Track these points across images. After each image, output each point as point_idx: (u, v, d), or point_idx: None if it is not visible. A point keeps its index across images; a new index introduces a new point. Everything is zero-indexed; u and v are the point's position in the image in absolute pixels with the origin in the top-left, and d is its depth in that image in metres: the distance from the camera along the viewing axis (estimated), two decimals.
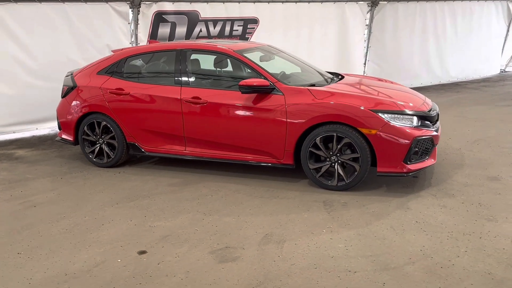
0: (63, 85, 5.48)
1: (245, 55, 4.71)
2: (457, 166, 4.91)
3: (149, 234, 3.56)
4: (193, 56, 4.92)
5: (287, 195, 4.27)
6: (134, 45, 7.51)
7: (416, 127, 4.16)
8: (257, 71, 4.52)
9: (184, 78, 4.83)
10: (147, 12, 7.59)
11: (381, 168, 4.14)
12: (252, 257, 3.15)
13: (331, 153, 4.25)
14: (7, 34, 6.61)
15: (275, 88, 4.40)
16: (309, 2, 9.02)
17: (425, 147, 4.23)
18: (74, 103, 5.28)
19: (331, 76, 5.25)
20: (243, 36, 8.49)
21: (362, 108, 4.10)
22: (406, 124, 4.11)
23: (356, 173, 4.20)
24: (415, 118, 4.21)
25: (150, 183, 4.72)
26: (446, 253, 3.12)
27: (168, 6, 7.72)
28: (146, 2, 7.51)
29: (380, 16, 10.17)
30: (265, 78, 4.45)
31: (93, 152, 5.28)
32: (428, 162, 4.29)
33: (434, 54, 11.05)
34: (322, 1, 9.16)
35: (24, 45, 6.77)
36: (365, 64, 10.41)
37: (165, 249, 3.30)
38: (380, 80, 5.43)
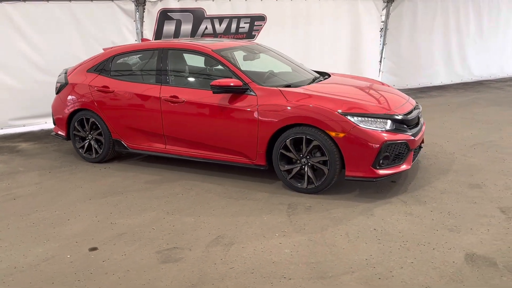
0: (57, 82, 5.67)
1: (223, 54, 4.70)
2: (442, 172, 4.72)
3: (107, 231, 3.65)
4: (174, 55, 4.96)
5: (255, 196, 4.25)
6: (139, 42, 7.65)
7: (389, 131, 4.04)
8: (232, 71, 4.52)
9: (164, 77, 4.88)
10: (152, 10, 7.70)
11: (349, 172, 4.04)
12: (195, 258, 3.17)
13: (301, 155, 4.19)
14: (17, 31, 6.90)
15: (248, 89, 4.38)
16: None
17: (398, 152, 4.09)
18: (65, 99, 5.46)
19: (317, 75, 5.17)
20: (250, 34, 8.47)
21: (330, 110, 4.02)
22: (377, 127, 3.99)
23: (325, 176, 4.11)
24: (388, 122, 4.08)
25: (129, 179, 4.83)
26: (390, 263, 3.02)
27: (173, 4, 7.80)
28: (151, 0, 7.61)
29: (397, 12, 9.88)
30: (239, 78, 4.42)
31: (83, 147, 5.44)
32: (401, 167, 4.14)
33: (455, 52, 10.63)
34: None
35: (33, 42, 7.05)
36: (380, 61, 10.13)
37: (115, 247, 3.38)
38: (366, 80, 5.28)
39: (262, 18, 8.51)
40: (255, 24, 8.46)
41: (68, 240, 3.51)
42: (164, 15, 7.75)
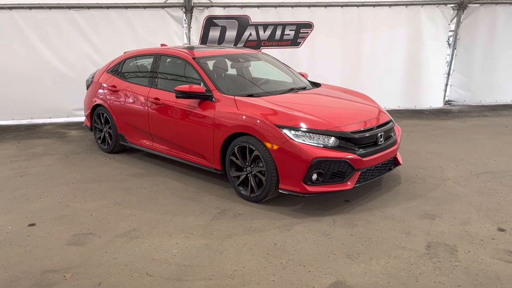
0: (86, 80, 6.51)
1: (201, 62, 4.98)
2: (410, 197, 4.40)
3: (57, 211, 4.21)
4: (164, 61, 5.38)
5: (203, 198, 4.47)
6: None
7: (330, 148, 3.93)
8: (202, 78, 4.78)
9: (154, 80, 5.34)
10: (199, 17, 8.27)
11: (282, 185, 4.04)
12: (95, 245, 3.54)
13: (246, 163, 4.30)
14: (81, 34, 8.03)
15: (211, 96, 4.60)
16: (374, 6, 8.56)
17: (337, 170, 3.96)
18: (90, 95, 6.27)
19: (302, 85, 5.19)
20: (295, 41, 8.55)
21: (268, 122, 4.05)
22: (316, 143, 3.92)
23: (263, 186, 4.17)
24: (332, 138, 3.97)
25: (118, 170, 5.39)
26: (253, 277, 3.03)
27: (219, 11, 8.27)
28: (199, 8, 8.18)
29: (471, 20, 9.07)
30: (206, 85, 4.67)
31: (99, 138, 6.20)
32: (339, 187, 4.00)
33: None
34: (390, 5, 8.58)
35: (94, 44, 8.12)
36: (449, 74, 9.34)
37: (49, 226, 3.90)
38: (349, 94, 5.09)
39: (309, 25, 8.52)
40: (301, 31, 8.51)
41: (22, 215, 4.14)
42: (210, 22, 8.25)
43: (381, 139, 4.24)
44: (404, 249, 3.38)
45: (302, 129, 3.96)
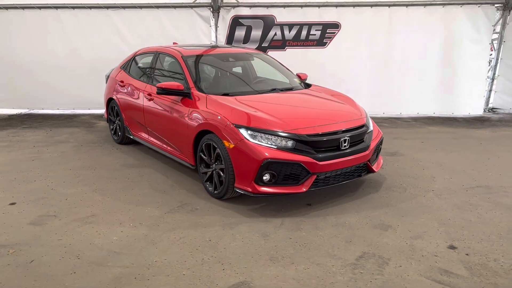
0: (105, 74, 6.99)
1: (188, 60, 5.16)
2: (378, 205, 4.26)
3: (40, 193, 4.61)
4: (161, 58, 5.64)
5: (174, 191, 4.65)
6: None
7: (286, 149, 3.93)
8: (185, 75, 4.96)
9: (151, 77, 5.63)
10: (226, 16, 8.48)
11: (237, 183, 4.10)
12: (52, 226, 3.85)
13: (212, 160, 4.42)
14: (117, 32, 8.58)
15: (189, 93, 4.77)
16: (407, 5, 8.21)
17: (290, 172, 3.94)
18: (106, 90, 6.73)
19: (287, 86, 5.20)
20: (321, 41, 8.46)
21: (227, 122, 4.13)
22: (269, 144, 3.93)
23: (223, 184, 4.27)
24: (288, 140, 3.97)
25: (116, 160, 5.76)
26: (156, 270, 3.16)
27: (245, 11, 8.42)
28: (226, 7, 8.39)
29: None
30: (186, 82, 4.85)
31: (112, 129, 6.64)
32: (291, 189, 3.97)
33: None
34: (425, 4, 8.17)
35: (128, 41, 8.64)
36: (493, 79, 8.69)
37: (26, 206, 4.28)
38: (332, 96, 4.98)
39: (335, 26, 8.38)
40: (327, 31, 8.40)
41: (11, 194, 4.60)
42: (236, 22, 8.42)
43: (345, 144, 4.11)
44: (333, 257, 3.30)
45: (257, 129, 3.98)
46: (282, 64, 5.80)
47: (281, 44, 8.44)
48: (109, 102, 6.61)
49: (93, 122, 8.13)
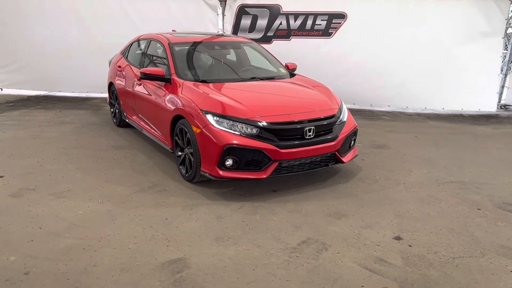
0: (109, 60, 7.27)
1: (175, 47, 5.33)
2: (340, 195, 4.31)
3: (28, 169, 4.91)
4: (152, 45, 5.84)
5: (151, 173, 4.85)
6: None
7: (248, 136, 4.05)
8: (168, 62, 5.14)
9: (142, 62, 5.84)
10: (233, 5, 8.59)
11: (202, 167, 4.26)
12: (28, 199, 4.11)
13: (185, 144, 4.60)
14: (128, 19, 8.87)
15: (170, 79, 4.96)
16: None
17: (252, 158, 4.06)
18: (108, 74, 7.02)
19: (270, 75, 5.29)
20: (326, 31, 8.44)
21: (196, 107, 4.29)
22: (233, 130, 4.06)
23: (192, 167, 4.44)
24: (251, 127, 4.09)
25: (108, 142, 6.03)
26: (115, 242, 3.37)
27: (252, 0, 8.49)
28: None
29: None
30: (168, 69, 5.04)
31: (112, 112, 6.94)
32: (253, 175, 4.09)
33: None
34: None
35: (138, 28, 8.89)
36: (506, 75, 8.44)
37: (12, 180, 4.58)
38: (316, 88, 5.02)
39: (342, 16, 8.33)
40: (333, 22, 8.37)
41: (2, 169, 4.92)
42: (242, 11, 8.53)
43: (310, 134, 4.18)
44: (277, 241, 3.41)
45: (223, 116, 4.11)
46: (271, 54, 5.87)
47: (286, 34, 8.47)
48: (110, 86, 6.87)
49: (102, 106, 8.46)
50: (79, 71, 9.17)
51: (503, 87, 8.56)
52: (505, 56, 8.34)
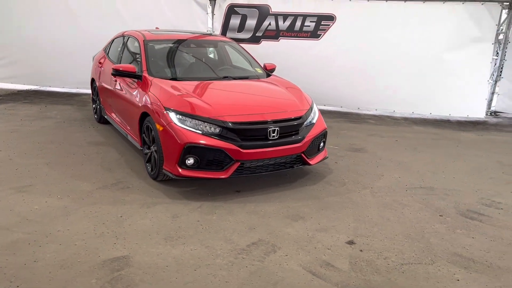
0: (92, 56, 7.27)
1: (149, 44, 5.31)
2: (301, 198, 4.24)
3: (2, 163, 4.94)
4: (130, 41, 5.82)
5: (119, 170, 4.82)
6: (211, 32, 8.63)
7: (209, 135, 4.01)
8: (141, 59, 5.12)
9: (119, 59, 5.83)
10: (222, 5, 8.57)
11: (164, 165, 4.22)
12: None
13: (151, 142, 4.57)
14: (119, 16, 8.88)
15: (141, 76, 4.93)
16: (405, 0, 7.99)
17: (213, 158, 4.02)
18: (91, 70, 7.02)
19: (244, 75, 5.26)
20: (315, 33, 8.39)
21: (160, 105, 4.25)
22: (195, 129, 4.01)
23: (156, 165, 4.41)
24: (213, 126, 4.05)
25: (85, 138, 6.01)
26: (63, 239, 3.35)
27: (241, 0, 8.45)
28: None
29: None
30: (141, 66, 5.01)
31: (94, 108, 6.93)
32: (214, 174, 4.05)
33: None
34: (424, 0, 7.93)
35: (128, 25, 8.85)
36: (496, 81, 8.34)
37: None
38: (288, 88, 4.96)
39: (330, 18, 8.28)
40: (322, 23, 8.32)
41: None
42: (232, 10, 8.50)
43: (273, 134, 4.13)
44: (227, 242, 3.36)
45: (185, 114, 4.07)
46: (249, 53, 5.82)
47: (275, 34, 8.43)
48: (92, 82, 6.87)
49: (88, 102, 8.47)
50: (69, 67, 9.19)
51: (493, 93, 8.46)
52: (496, 62, 8.20)
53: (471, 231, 3.66)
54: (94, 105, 6.91)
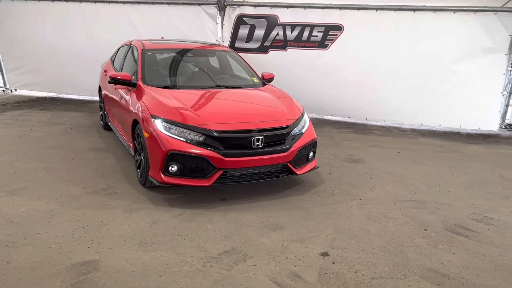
0: (101, 65, 7.47)
1: (147, 53, 5.42)
2: (285, 208, 4.21)
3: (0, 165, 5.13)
4: (131, 50, 5.95)
5: (111, 176, 4.92)
6: (220, 42, 8.77)
7: (193, 143, 4.06)
8: (138, 67, 5.23)
9: (121, 67, 5.97)
10: (232, 15, 8.67)
11: (150, 172, 4.29)
12: None
13: (140, 149, 4.65)
14: (131, 26, 9.10)
15: (136, 84, 5.04)
16: (414, 10, 7.89)
17: (196, 165, 4.06)
18: (99, 78, 7.22)
19: (238, 84, 5.30)
20: (322, 43, 8.37)
21: (148, 112, 4.33)
22: (179, 136, 4.07)
23: (144, 172, 4.48)
24: (201, 135, 4.09)
25: (88, 144, 6.17)
26: (41, 243, 3.44)
27: (250, 10, 8.56)
28: (232, 6, 8.60)
29: None
30: (137, 73, 5.13)
31: (101, 115, 7.12)
32: (196, 182, 4.08)
33: None
34: (434, 10, 7.81)
35: (141, 34, 9.11)
36: (510, 94, 8.11)
37: None
38: (280, 97, 4.96)
39: (338, 28, 8.25)
40: (330, 33, 8.29)
41: None
42: (240, 20, 8.59)
43: (258, 143, 4.14)
44: (199, 250, 3.37)
45: (170, 121, 4.13)
46: (247, 63, 5.86)
47: (283, 44, 8.45)
48: (100, 90, 7.05)
49: (95, 107, 8.66)
50: (85, 75, 9.45)
51: (507, 105, 8.18)
52: (510, 73, 7.96)
53: (453, 246, 3.55)
54: (101, 112, 7.07)
